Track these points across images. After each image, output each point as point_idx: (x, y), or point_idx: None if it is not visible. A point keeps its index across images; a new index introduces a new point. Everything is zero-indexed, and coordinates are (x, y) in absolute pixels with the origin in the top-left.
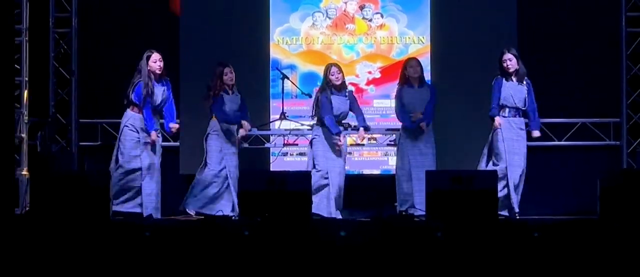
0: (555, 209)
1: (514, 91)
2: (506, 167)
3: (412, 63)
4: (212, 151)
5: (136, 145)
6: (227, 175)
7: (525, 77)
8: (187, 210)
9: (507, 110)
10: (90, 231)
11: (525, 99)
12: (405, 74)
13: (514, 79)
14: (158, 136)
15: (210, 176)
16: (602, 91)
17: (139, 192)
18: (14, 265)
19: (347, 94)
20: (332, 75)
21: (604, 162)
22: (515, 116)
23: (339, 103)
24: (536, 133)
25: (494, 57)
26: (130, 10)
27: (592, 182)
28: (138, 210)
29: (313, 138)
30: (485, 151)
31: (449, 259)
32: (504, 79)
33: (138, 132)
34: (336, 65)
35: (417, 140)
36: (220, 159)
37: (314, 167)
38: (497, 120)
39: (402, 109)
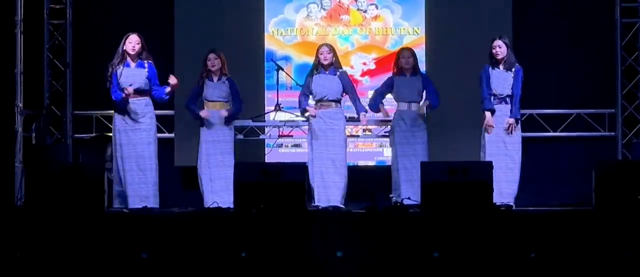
0: (550, 200)
1: (500, 79)
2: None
3: (404, 53)
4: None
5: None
6: (207, 164)
7: (515, 65)
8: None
9: (492, 98)
10: (84, 223)
11: (511, 86)
12: (398, 63)
13: (501, 66)
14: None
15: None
16: (597, 82)
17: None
18: (9, 256)
19: (337, 73)
20: (321, 54)
21: (599, 153)
22: (500, 103)
23: (325, 81)
24: (510, 120)
25: (488, 47)
26: (124, 1)
27: (587, 173)
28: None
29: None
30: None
31: (444, 249)
32: (490, 67)
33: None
34: (327, 45)
35: (405, 130)
36: (203, 150)
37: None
38: (488, 119)
39: (378, 96)
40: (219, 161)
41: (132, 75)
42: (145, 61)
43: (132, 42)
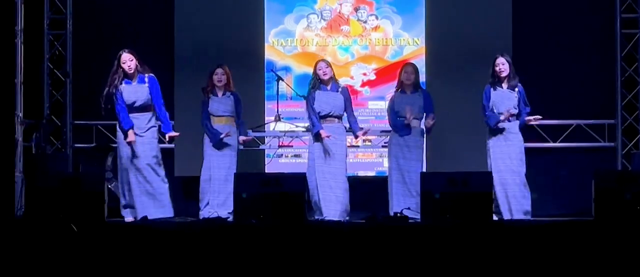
0: (550, 211)
1: (503, 98)
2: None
3: (406, 69)
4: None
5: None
6: (210, 178)
7: (518, 85)
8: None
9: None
10: (84, 233)
11: (516, 106)
12: (400, 79)
13: (504, 85)
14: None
15: (201, 180)
16: (597, 93)
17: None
18: (8, 267)
19: (338, 89)
20: (319, 70)
21: (599, 164)
22: (504, 121)
23: (327, 98)
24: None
25: (489, 59)
26: (125, 12)
27: (587, 184)
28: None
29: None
30: None
31: (444, 260)
32: (492, 88)
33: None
34: (324, 60)
35: (402, 145)
36: (206, 163)
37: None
38: (504, 117)
39: (392, 114)
40: (221, 176)
41: (134, 92)
42: (146, 75)
43: (126, 61)
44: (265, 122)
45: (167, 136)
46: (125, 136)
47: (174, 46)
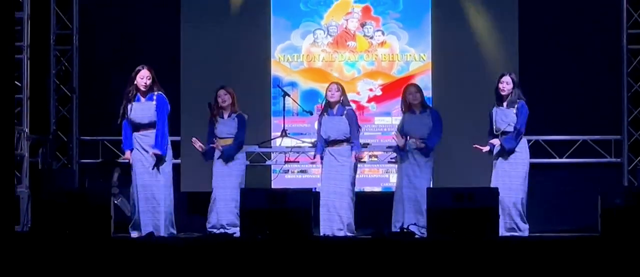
0: (556, 227)
1: (502, 116)
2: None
3: (410, 90)
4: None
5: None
6: (215, 198)
7: (519, 102)
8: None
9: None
10: (90, 248)
11: (511, 123)
12: (406, 100)
13: (504, 104)
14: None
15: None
16: (603, 108)
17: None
18: None
19: (344, 113)
20: (329, 91)
21: (605, 180)
22: None
23: (332, 123)
24: (495, 141)
25: (495, 75)
26: (131, 28)
27: (593, 200)
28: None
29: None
30: None
31: (450, 275)
32: (495, 106)
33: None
34: (335, 83)
35: (413, 163)
36: (214, 182)
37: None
38: (486, 148)
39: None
40: (227, 195)
41: (140, 110)
42: (155, 93)
43: (144, 78)
44: (272, 137)
45: (151, 153)
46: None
47: (180, 61)
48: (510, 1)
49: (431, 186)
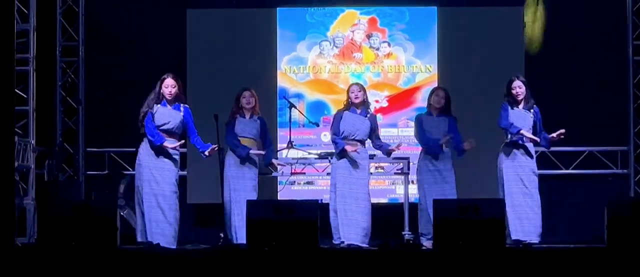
0: (563, 238)
1: (520, 118)
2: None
3: (438, 92)
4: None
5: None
6: (230, 201)
7: (534, 105)
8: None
9: (510, 136)
10: (97, 260)
11: (532, 128)
12: (430, 100)
13: (521, 106)
14: (175, 149)
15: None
16: (609, 120)
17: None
18: None
19: (368, 115)
20: (352, 93)
21: (612, 191)
22: (517, 141)
23: (353, 119)
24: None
25: (502, 85)
26: (137, 39)
27: (600, 211)
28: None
29: (332, 164)
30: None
31: None
32: (510, 106)
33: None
34: (357, 84)
35: (432, 170)
36: (227, 186)
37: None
38: (525, 133)
39: (422, 133)
40: (242, 198)
41: (168, 115)
42: (182, 105)
43: (169, 87)
44: (278, 149)
45: (206, 152)
46: (158, 153)
47: (186, 73)
48: (516, 13)
49: (456, 191)
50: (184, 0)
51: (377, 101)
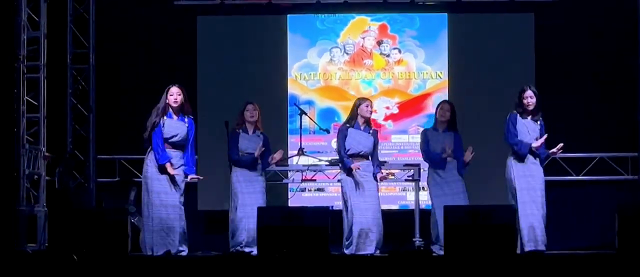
0: (573, 244)
1: (529, 128)
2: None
3: (443, 105)
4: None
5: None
6: (236, 211)
7: (540, 118)
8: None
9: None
10: (107, 267)
11: (537, 138)
12: (436, 114)
13: (529, 116)
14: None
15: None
16: (620, 126)
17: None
18: None
19: (370, 131)
20: (366, 109)
21: (622, 197)
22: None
23: (359, 137)
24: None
25: (512, 92)
26: (147, 47)
27: (610, 217)
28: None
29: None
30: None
31: None
32: (518, 116)
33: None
34: (370, 100)
35: (440, 182)
36: (233, 198)
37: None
38: (537, 144)
39: (427, 148)
40: (250, 210)
41: (175, 127)
42: (186, 117)
43: (174, 95)
44: (289, 156)
45: (188, 177)
46: (162, 171)
47: (196, 80)
48: (527, 19)
49: (467, 200)
50: (194, 7)
51: (387, 108)
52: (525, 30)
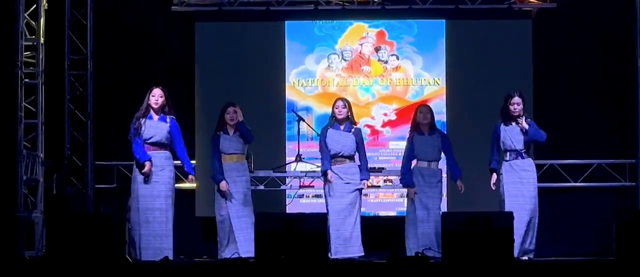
0: (571, 250)
1: (514, 133)
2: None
3: (422, 109)
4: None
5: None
6: (226, 215)
7: (528, 119)
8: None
9: (508, 154)
10: (105, 273)
11: (522, 138)
12: (416, 120)
13: (513, 123)
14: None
15: (217, 219)
16: (618, 133)
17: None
18: None
19: (352, 130)
20: (336, 108)
21: (620, 203)
22: (516, 158)
23: (338, 137)
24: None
25: (504, 103)
26: (146, 52)
27: (608, 223)
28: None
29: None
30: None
31: None
32: (503, 124)
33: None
34: (342, 99)
35: (422, 185)
36: (219, 200)
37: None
38: (493, 179)
39: (407, 169)
40: (238, 211)
41: (154, 127)
42: (168, 117)
43: (155, 96)
44: (286, 162)
45: (189, 178)
46: (141, 169)
47: (195, 86)
48: (524, 26)
49: (445, 206)
50: (192, 14)
51: (385, 114)
52: (523, 37)
